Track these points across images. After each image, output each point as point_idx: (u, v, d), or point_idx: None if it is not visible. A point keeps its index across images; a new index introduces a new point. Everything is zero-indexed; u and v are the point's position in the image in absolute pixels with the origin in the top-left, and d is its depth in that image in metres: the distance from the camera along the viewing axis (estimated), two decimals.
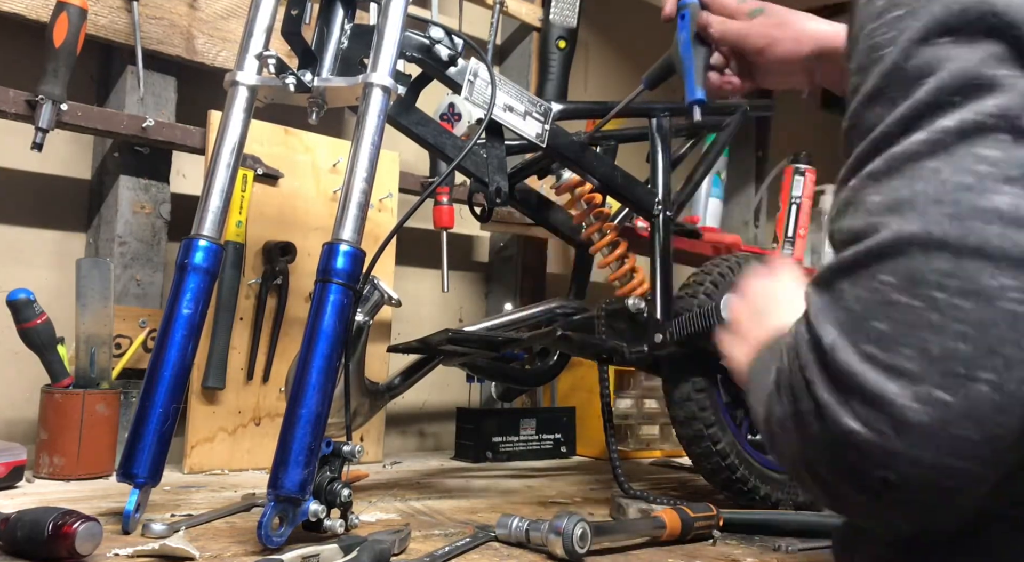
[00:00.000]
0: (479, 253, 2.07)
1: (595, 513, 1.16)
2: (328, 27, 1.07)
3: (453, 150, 1.13)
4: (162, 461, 0.94)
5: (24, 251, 1.41)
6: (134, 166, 1.43)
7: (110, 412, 1.24)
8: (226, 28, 1.48)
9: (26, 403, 1.34)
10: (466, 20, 1.88)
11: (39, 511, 0.77)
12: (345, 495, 0.90)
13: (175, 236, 1.46)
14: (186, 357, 0.96)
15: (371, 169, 0.95)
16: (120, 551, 0.82)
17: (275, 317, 1.44)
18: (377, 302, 1.10)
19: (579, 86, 2.13)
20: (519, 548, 0.93)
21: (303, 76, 1.01)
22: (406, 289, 1.79)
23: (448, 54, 1.07)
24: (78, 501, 1.03)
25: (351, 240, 0.92)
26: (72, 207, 1.46)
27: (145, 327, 1.39)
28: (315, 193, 1.51)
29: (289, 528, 0.86)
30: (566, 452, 1.78)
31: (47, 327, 1.22)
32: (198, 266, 0.97)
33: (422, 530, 0.99)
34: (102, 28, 1.34)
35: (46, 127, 1.22)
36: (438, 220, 1.70)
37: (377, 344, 1.54)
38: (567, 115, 1.27)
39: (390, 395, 1.29)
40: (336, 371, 0.91)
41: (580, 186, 1.37)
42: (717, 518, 1.04)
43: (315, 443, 0.87)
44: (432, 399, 1.90)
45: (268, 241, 1.43)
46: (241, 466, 1.40)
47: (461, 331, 1.31)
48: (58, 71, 1.23)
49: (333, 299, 0.90)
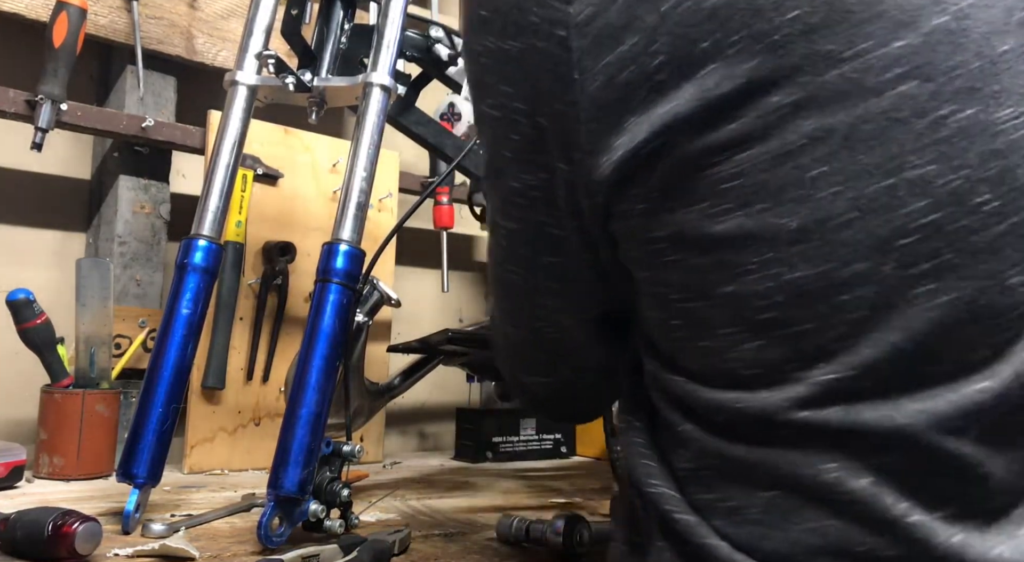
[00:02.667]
0: (479, 253, 2.07)
1: (595, 513, 1.16)
2: (328, 27, 1.06)
3: (453, 150, 1.14)
4: (162, 461, 0.94)
5: (24, 251, 1.41)
6: (134, 166, 1.43)
7: (110, 412, 1.24)
8: (226, 28, 1.48)
9: (26, 403, 1.34)
10: None
11: (39, 511, 0.77)
12: (345, 495, 0.90)
13: (175, 236, 1.46)
14: (186, 357, 0.96)
15: (371, 169, 0.95)
16: (120, 551, 0.82)
17: (275, 317, 1.44)
18: (377, 302, 1.10)
19: None
20: (519, 548, 0.93)
21: (303, 76, 1.01)
22: (406, 289, 1.79)
23: (448, 53, 1.07)
24: (78, 501, 1.03)
25: (351, 240, 0.92)
26: (72, 207, 1.46)
27: (145, 327, 1.39)
28: (315, 193, 1.51)
29: (289, 528, 0.86)
30: (566, 452, 1.78)
31: (47, 327, 1.22)
32: (198, 266, 0.97)
33: (422, 530, 0.99)
34: (102, 28, 1.34)
35: (46, 127, 1.22)
36: (438, 220, 1.70)
37: (377, 344, 1.54)
38: None
39: (390, 395, 1.28)
40: (336, 371, 0.90)
41: None
42: None
43: (315, 443, 0.87)
44: (432, 399, 1.90)
45: (268, 241, 1.43)
46: (241, 466, 1.39)
47: (461, 331, 1.31)
48: (58, 71, 1.23)
49: (333, 299, 0.90)
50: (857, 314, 0.47)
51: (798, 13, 0.46)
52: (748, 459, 0.50)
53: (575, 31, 0.50)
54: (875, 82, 0.46)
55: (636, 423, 0.58)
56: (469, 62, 0.57)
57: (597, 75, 0.49)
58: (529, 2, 0.51)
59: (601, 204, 0.52)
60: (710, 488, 0.52)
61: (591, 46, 0.49)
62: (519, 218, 0.58)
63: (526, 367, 0.71)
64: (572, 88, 0.50)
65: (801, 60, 0.46)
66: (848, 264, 0.47)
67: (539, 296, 0.63)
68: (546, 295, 0.62)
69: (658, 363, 0.55)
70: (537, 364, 0.69)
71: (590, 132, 0.51)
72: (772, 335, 0.49)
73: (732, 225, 0.48)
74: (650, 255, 0.52)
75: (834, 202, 0.46)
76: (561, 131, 0.52)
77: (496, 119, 0.56)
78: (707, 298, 0.50)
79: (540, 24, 0.51)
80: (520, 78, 0.53)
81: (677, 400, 0.54)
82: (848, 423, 0.47)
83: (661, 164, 0.49)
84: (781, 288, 0.48)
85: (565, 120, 0.51)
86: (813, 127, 0.46)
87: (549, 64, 0.51)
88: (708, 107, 0.47)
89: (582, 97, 0.50)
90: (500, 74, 0.54)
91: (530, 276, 0.61)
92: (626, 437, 0.59)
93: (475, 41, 0.55)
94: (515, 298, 0.65)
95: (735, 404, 0.50)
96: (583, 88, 0.50)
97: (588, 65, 0.50)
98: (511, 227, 0.60)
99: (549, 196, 0.55)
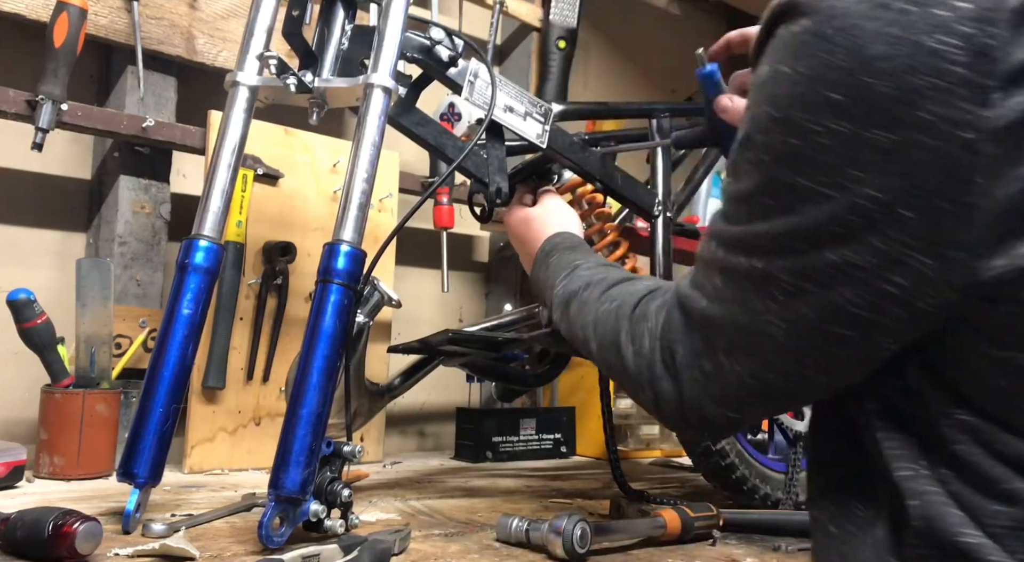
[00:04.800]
0: (479, 253, 2.07)
1: (595, 513, 1.16)
2: (329, 28, 1.06)
3: (453, 151, 1.13)
4: (162, 461, 0.94)
5: (24, 251, 1.41)
6: (134, 166, 1.43)
7: (110, 412, 1.24)
8: (226, 28, 1.48)
9: (26, 403, 1.34)
10: (466, 20, 1.88)
11: (39, 511, 0.77)
12: (345, 495, 0.90)
13: (175, 236, 1.46)
14: (186, 357, 0.96)
15: (372, 170, 0.95)
16: (120, 551, 0.82)
17: (275, 317, 1.44)
18: (377, 303, 1.10)
19: (579, 86, 2.13)
20: (519, 548, 0.93)
21: (304, 77, 1.01)
22: (406, 289, 1.79)
23: (448, 55, 1.07)
24: (78, 501, 1.03)
25: (351, 241, 0.92)
26: (72, 207, 1.46)
27: (145, 327, 1.39)
28: (315, 193, 1.51)
29: (289, 528, 0.86)
30: (566, 452, 1.78)
31: (47, 327, 1.22)
32: (198, 266, 0.97)
33: (422, 530, 0.99)
34: (102, 28, 1.34)
35: (46, 127, 1.22)
36: (438, 220, 1.70)
37: (377, 344, 1.54)
38: (567, 116, 1.27)
39: (390, 396, 1.29)
40: (336, 371, 0.91)
41: (581, 186, 1.37)
42: (717, 518, 1.04)
43: (316, 443, 0.87)
44: (432, 399, 1.90)
45: (268, 241, 1.43)
46: (241, 466, 1.40)
47: (461, 331, 1.31)
48: (58, 71, 1.23)
49: (334, 300, 0.90)
50: None
51: None
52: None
53: (990, 135, 0.49)
54: None
55: (924, 472, 0.57)
56: (789, 134, 0.55)
57: (1015, 181, 0.49)
58: (921, 98, 0.49)
59: (981, 297, 0.52)
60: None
61: (1008, 152, 0.49)
62: (822, 285, 0.56)
63: (721, 401, 0.66)
64: (969, 190, 0.49)
65: None
66: None
67: (801, 355, 0.59)
68: (813, 356, 0.59)
69: (984, 418, 0.55)
70: (739, 403, 0.65)
71: (989, 236, 0.50)
72: None
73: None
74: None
75: None
76: (936, 228, 0.51)
77: (822, 196, 0.54)
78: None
79: (935, 123, 0.49)
80: (884, 169, 0.51)
81: (1008, 459, 0.54)
82: None
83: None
84: None
85: (947, 219, 0.50)
86: None
87: (942, 163, 0.50)
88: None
89: (985, 201, 0.49)
90: (850, 159, 0.52)
91: (801, 337, 0.58)
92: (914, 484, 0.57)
93: (811, 119, 0.53)
94: (759, 348, 0.61)
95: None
96: (989, 193, 0.49)
97: (1001, 171, 0.49)
98: (806, 289, 0.57)
99: (872, 280, 0.54)
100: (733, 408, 0.66)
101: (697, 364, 0.67)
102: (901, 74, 0.49)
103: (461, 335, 1.29)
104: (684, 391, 0.68)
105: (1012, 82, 0.48)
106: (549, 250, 1.01)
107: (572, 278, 0.90)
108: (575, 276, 0.90)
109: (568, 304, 0.87)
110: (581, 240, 1.04)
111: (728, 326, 0.63)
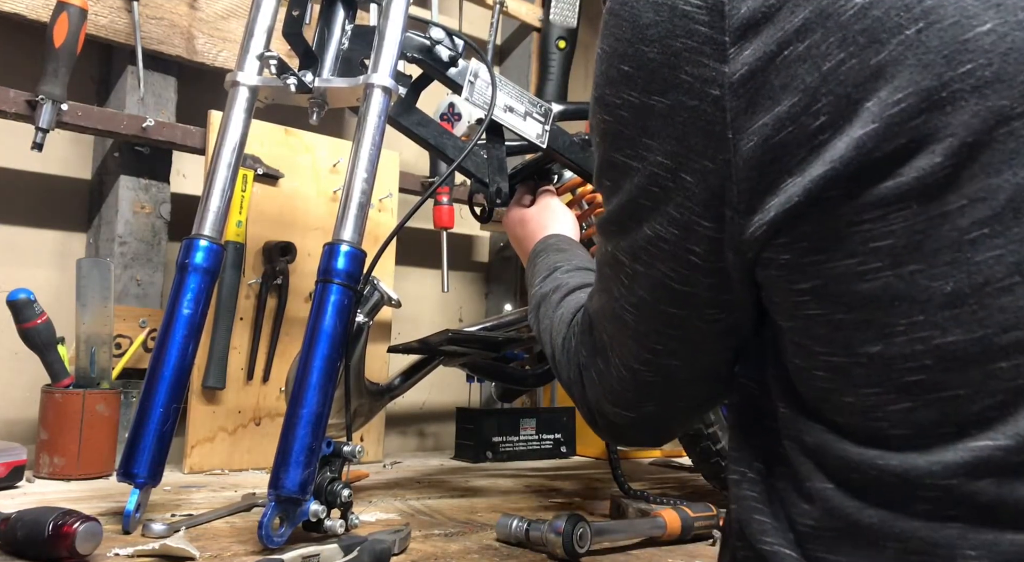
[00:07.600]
0: (479, 253, 2.07)
1: (595, 513, 1.16)
2: (329, 28, 1.07)
3: (454, 151, 1.13)
4: (162, 461, 0.94)
5: (24, 251, 1.41)
6: (134, 166, 1.43)
7: (110, 412, 1.24)
8: (226, 28, 1.48)
9: (26, 403, 1.34)
10: (466, 20, 1.88)
11: (39, 511, 0.77)
12: (345, 495, 0.90)
13: (175, 236, 1.46)
14: (186, 357, 0.96)
15: (372, 170, 0.95)
16: (120, 551, 0.82)
17: (275, 317, 1.44)
18: (377, 303, 1.10)
19: (579, 86, 2.13)
20: (519, 548, 0.93)
21: (304, 77, 1.01)
22: (406, 289, 1.79)
23: (449, 55, 1.07)
24: (78, 501, 1.03)
25: (352, 241, 0.92)
26: (72, 207, 1.46)
27: (145, 327, 1.39)
28: (315, 193, 1.51)
29: (289, 528, 0.86)
30: (566, 452, 1.78)
31: (47, 327, 1.22)
32: (199, 266, 0.97)
33: (422, 530, 0.99)
34: (102, 28, 1.34)
35: (46, 127, 1.22)
36: (438, 220, 1.70)
37: (377, 344, 1.54)
38: (567, 116, 1.27)
39: (390, 396, 1.29)
40: (336, 371, 0.91)
41: (581, 186, 1.37)
42: (717, 518, 1.04)
43: (316, 443, 0.87)
44: (432, 399, 1.90)
45: (268, 241, 1.43)
46: (241, 466, 1.40)
47: (461, 331, 1.31)
48: (58, 71, 1.23)
49: (334, 299, 0.90)
50: (1016, 382, 0.45)
51: (971, 67, 0.44)
52: (879, 527, 0.48)
53: (730, 90, 0.49)
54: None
55: (750, 474, 0.57)
56: (603, 112, 0.56)
57: (752, 135, 0.48)
58: (680, 60, 0.50)
59: (750, 259, 0.52)
60: (832, 550, 0.50)
61: (747, 106, 0.48)
62: (647, 264, 0.57)
63: (612, 400, 0.68)
64: (725, 147, 0.49)
65: (970, 117, 0.44)
66: (1007, 331, 0.45)
67: (650, 340, 0.61)
68: (659, 340, 0.61)
69: (797, 409, 0.53)
70: (625, 400, 0.67)
71: (742, 191, 0.50)
72: (922, 398, 0.47)
73: (880, 284, 0.46)
74: (793, 306, 0.51)
75: (994, 266, 0.44)
76: (708, 189, 0.51)
77: (632, 169, 0.54)
78: (851, 355, 0.49)
79: (692, 83, 0.50)
80: (665, 134, 0.52)
81: (811, 451, 0.52)
82: (999, 497, 0.44)
83: (812, 219, 0.48)
84: (931, 352, 0.46)
85: (714, 178, 0.50)
86: (975, 187, 0.44)
87: (701, 122, 0.50)
88: (867, 166, 0.45)
89: (736, 157, 0.49)
90: (641, 128, 0.53)
91: (645, 320, 0.60)
92: (738, 490, 0.57)
93: (614, 93, 0.54)
94: (622, 336, 0.63)
95: (876, 461, 0.48)
96: (737, 147, 0.49)
97: (743, 124, 0.49)
98: (637, 270, 0.58)
99: (678, 251, 0.54)
100: (625, 406, 0.67)
101: (593, 364, 0.68)
102: (664, 39, 0.51)
103: (461, 335, 1.28)
104: (587, 393, 0.69)
105: (742, 36, 0.48)
106: (539, 251, 1.01)
107: (547, 281, 0.91)
108: (550, 279, 0.91)
109: (538, 307, 0.88)
110: (573, 241, 1.04)
111: (603, 318, 0.65)
